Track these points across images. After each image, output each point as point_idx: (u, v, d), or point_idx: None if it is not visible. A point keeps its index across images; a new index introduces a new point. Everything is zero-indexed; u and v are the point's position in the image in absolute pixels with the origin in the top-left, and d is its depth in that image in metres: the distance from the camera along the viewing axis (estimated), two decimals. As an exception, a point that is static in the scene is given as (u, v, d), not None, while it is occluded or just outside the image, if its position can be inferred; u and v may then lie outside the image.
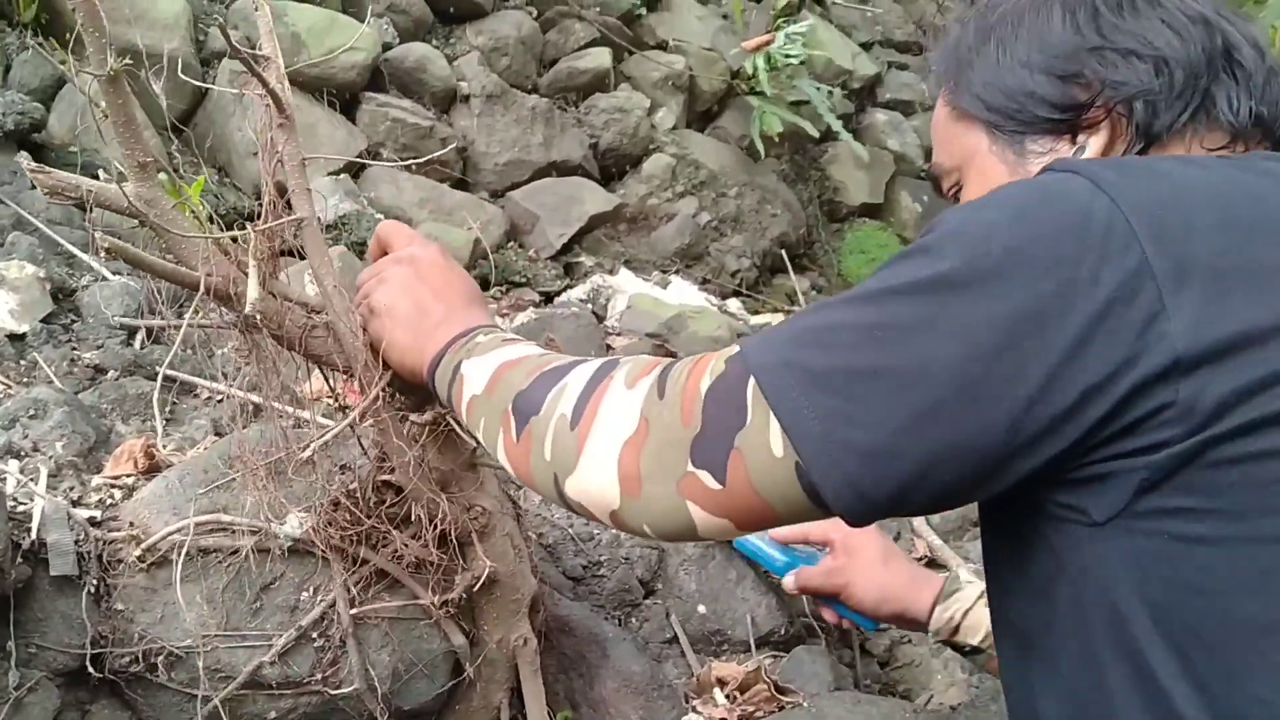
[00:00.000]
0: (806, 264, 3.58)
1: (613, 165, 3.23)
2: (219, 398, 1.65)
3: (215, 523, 1.16)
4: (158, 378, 1.61)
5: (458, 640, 1.22)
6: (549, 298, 2.76)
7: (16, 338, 1.72)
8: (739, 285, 3.22)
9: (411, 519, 1.15)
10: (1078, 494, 0.69)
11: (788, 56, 3.33)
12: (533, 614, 1.26)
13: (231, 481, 1.19)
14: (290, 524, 1.15)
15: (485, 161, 2.97)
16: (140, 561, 1.14)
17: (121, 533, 1.16)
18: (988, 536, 0.84)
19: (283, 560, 1.17)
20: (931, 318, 0.68)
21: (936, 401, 0.68)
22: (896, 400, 0.68)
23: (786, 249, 3.42)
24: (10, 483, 1.20)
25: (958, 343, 0.67)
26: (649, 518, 0.79)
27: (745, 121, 3.45)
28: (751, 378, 0.73)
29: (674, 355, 2.35)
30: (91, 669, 1.11)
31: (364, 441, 1.19)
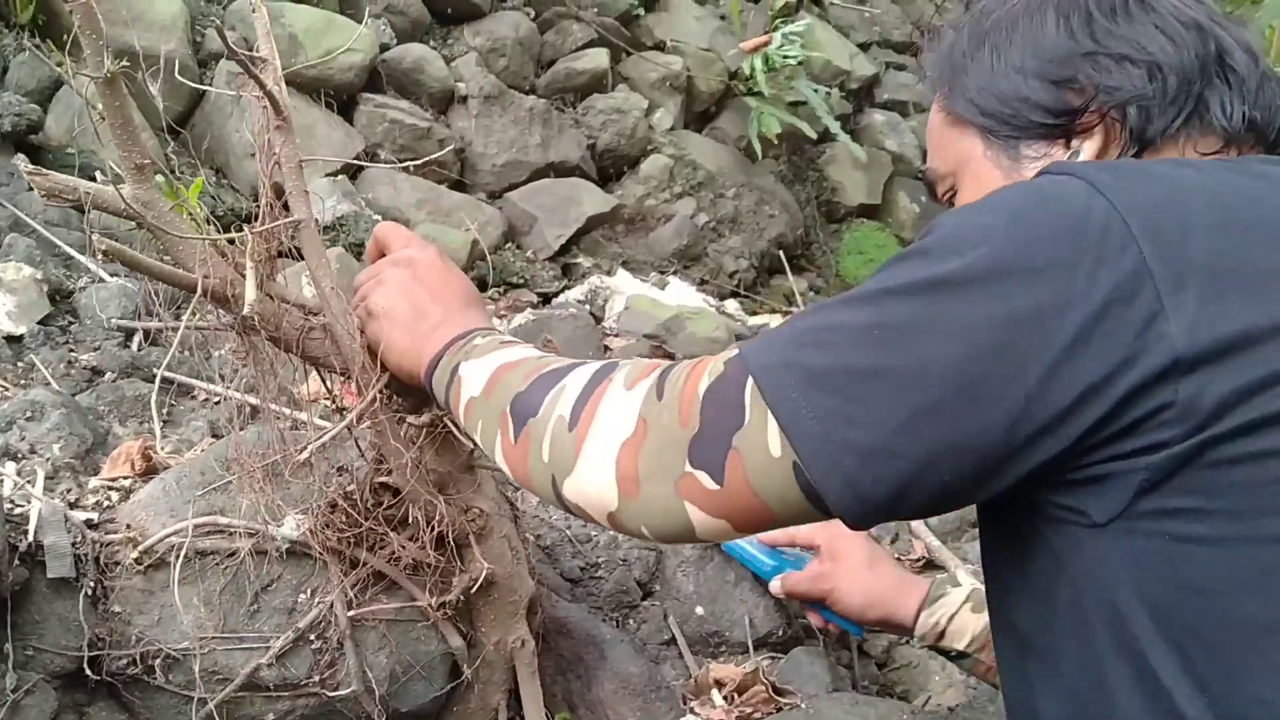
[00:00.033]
0: (804, 265, 3.58)
1: (610, 166, 3.23)
2: (216, 399, 1.64)
3: (213, 525, 1.16)
4: (155, 379, 1.61)
5: (455, 642, 1.22)
6: (547, 299, 2.76)
7: (14, 339, 1.72)
8: (737, 286, 3.22)
9: (409, 521, 1.15)
10: (1077, 495, 0.69)
11: (785, 57, 3.32)
12: (530, 616, 1.26)
13: (229, 483, 1.19)
14: (288, 526, 1.15)
15: (483, 162, 2.97)
16: (138, 564, 1.14)
17: (119, 535, 1.16)
18: (987, 538, 0.84)
19: (280, 562, 1.17)
20: (930, 318, 0.68)
21: (936, 401, 0.68)
22: (895, 400, 0.68)
23: (784, 250, 3.42)
24: (7, 485, 1.20)
25: (957, 342, 0.67)
26: (647, 519, 0.79)
27: (743, 122, 3.45)
28: (750, 378, 0.73)
29: (672, 356, 2.36)
30: (89, 671, 1.11)
31: (361, 443, 1.19)
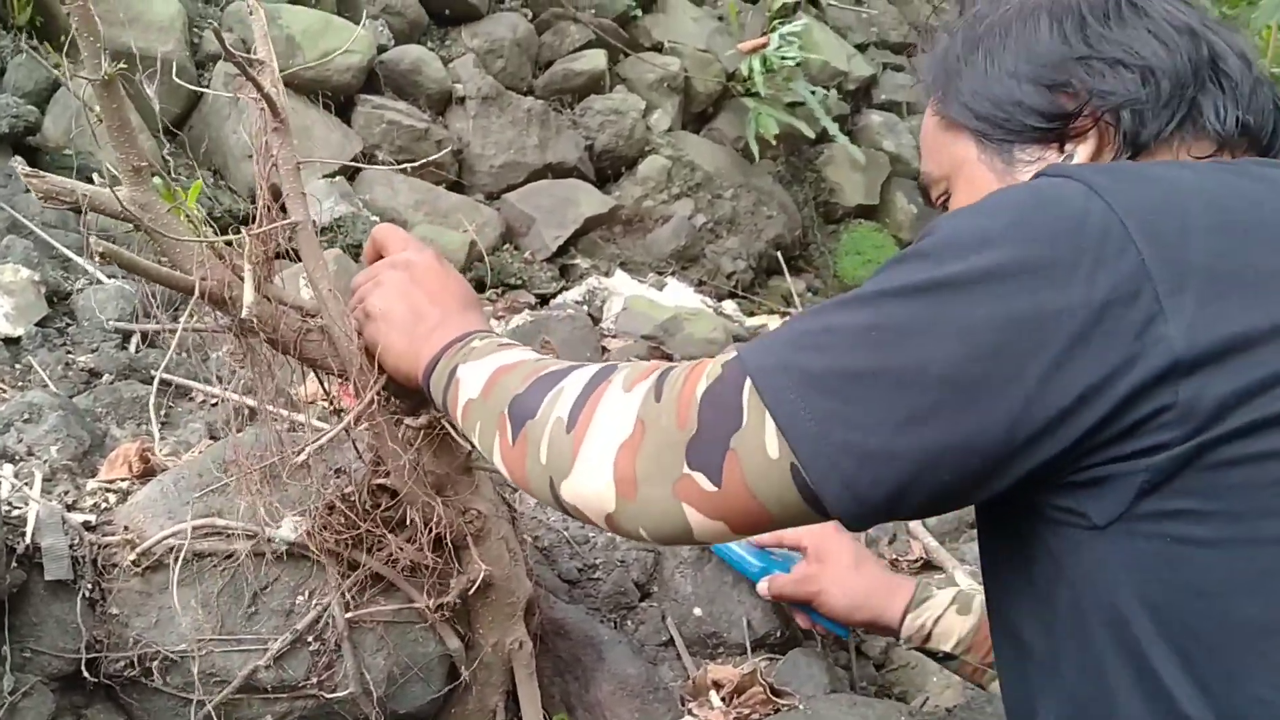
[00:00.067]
0: (802, 265, 3.58)
1: (608, 167, 3.23)
2: (214, 401, 1.64)
3: (210, 527, 1.16)
4: (153, 381, 1.60)
5: (453, 644, 1.22)
6: (545, 300, 2.76)
7: (11, 341, 1.72)
8: (735, 287, 3.23)
9: (407, 522, 1.15)
10: (1077, 498, 0.69)
11: (783, 59, 3.33)
12: (528, 617, 1.26)
13: (227, 485, 1.19)
14: (285, 528, 1.15)
15: (481, 164, 2.97)
16: (135, 566, 1.14)
17: (116, 537, 1.16)
18: (985, 539, 0.84)
19: (278, 564, 1.17)
20: (929, 320, 0.68)
21: (934, 402, 0.68)
22: (894, 401, 0.68)
23: (782, 250, 3.43)
24: (5, 487, 1.20)
25: (956, 344, 0.67)
26: (645, 520, 0.79)
27: (741, 123, 3.45)
28: (748, 380, 0.73)
29: (670, 357, 2.36)
30: (86, 673, 1.11)
31: (359, 445, 1.19)
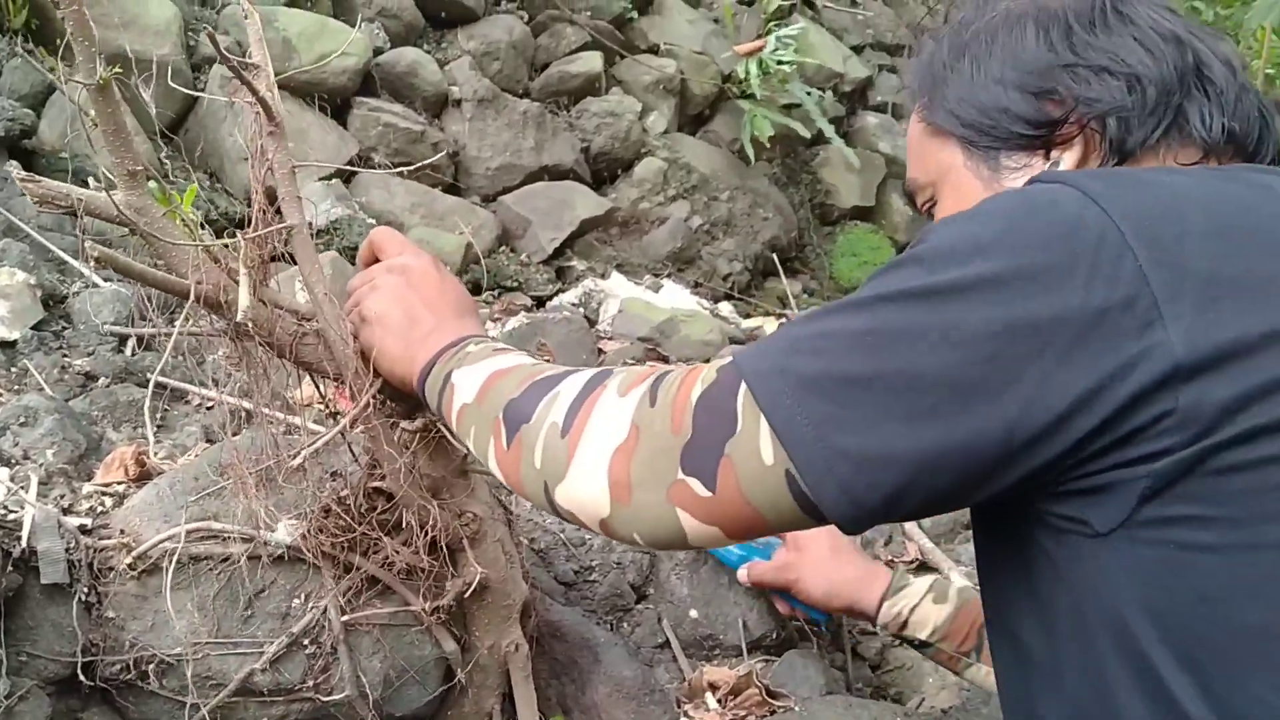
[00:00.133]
0: (798, 267, 3.59)
1: (604, 169, 3.23)
2: (210, 405, 1.64)
3: (206, 530, 1.16)
4: (149, 385, 1.60)
5: (449, 646, 1.22)
6: (541, 302, 2.76)
7: (7, 345, 1.71)
8: (731, 289, 3.23)
9: (402, 525, 1.15)
10: (1078, 505, 0.69)
11: (779, 61, 3.33)
12: (524, 619, 1.26)
13: (223, 489, 1.19)
14: (281, 531, 1.15)
15: (477, 166, 2.97)
16: (131, 569, 1.14)
17: (112, 540, 1.16)
18: (982, 541, 0.83)
19: (274, 567, 1.17)
20: (925, 324, 0.68)
21: (931, 405, 0.68)
22: (891, 405, 0.68)
23: (778, 252, 3.43)
24: (1, 491, 1.20)
25: (952, 348, 0.67)
26: (639, 525, 0.79)
27: (736, 125, 3.45)
28: (743, 385, 0.73)
29: (666, 359, 2.36)
30: (83, 677, 1.10)
31: (355, 448, 1.19)
